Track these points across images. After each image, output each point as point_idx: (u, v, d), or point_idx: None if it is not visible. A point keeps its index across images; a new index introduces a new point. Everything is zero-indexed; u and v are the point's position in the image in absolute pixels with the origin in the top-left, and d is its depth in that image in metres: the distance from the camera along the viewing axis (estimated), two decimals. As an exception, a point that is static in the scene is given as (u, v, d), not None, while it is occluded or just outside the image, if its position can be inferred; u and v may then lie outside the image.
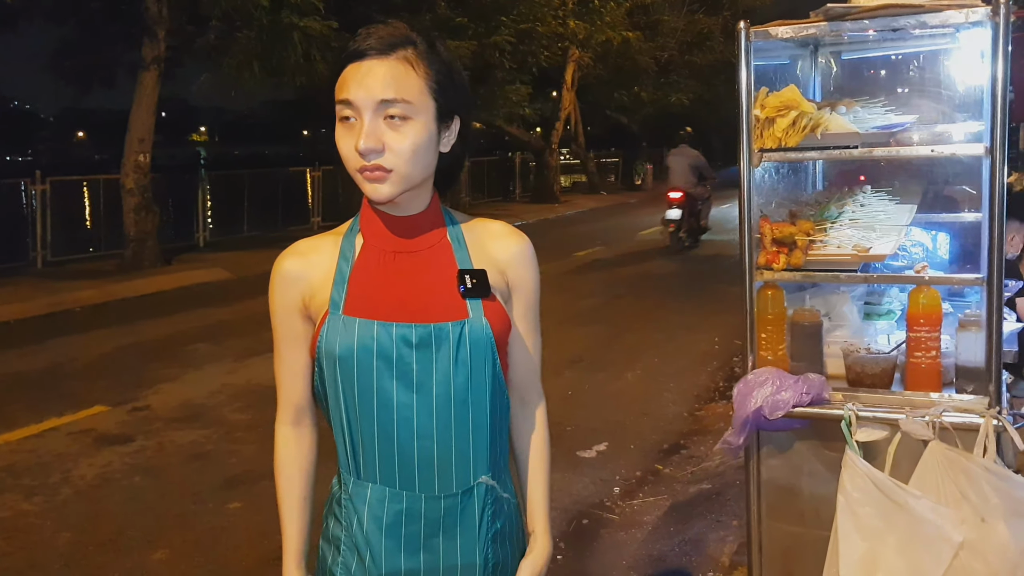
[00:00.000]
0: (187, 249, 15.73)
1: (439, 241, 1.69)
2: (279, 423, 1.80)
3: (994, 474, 2.49)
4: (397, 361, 1.61)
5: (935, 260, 3.44)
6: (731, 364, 7.63)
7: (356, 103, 1.55)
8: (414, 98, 1.56)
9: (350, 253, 1.68)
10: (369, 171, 1.55)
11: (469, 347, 1.62)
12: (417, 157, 1.57)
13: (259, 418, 6.31)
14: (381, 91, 1.54)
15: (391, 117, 1.55)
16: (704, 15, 31.51)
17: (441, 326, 1.61)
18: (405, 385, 1.61)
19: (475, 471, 1.67)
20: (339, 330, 1.62)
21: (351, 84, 1.56)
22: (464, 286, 1.63)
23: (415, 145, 1.56)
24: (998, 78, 2.57)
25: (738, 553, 4.06)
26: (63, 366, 8.08)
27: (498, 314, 1.66)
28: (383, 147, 1.55)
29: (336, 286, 1.65)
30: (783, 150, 2.87)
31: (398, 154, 1.55)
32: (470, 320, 1.62)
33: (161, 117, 15.43)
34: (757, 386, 2.80)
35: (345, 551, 1.70)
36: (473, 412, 1.65)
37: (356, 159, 1.56)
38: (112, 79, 17.12)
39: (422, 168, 1.60)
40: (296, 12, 14.03)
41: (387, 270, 1.66)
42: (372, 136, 1.54)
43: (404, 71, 1.56)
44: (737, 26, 2.88)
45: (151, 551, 4.40)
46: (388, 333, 1.60)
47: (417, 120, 1.56)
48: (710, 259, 14.31)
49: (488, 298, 1.65)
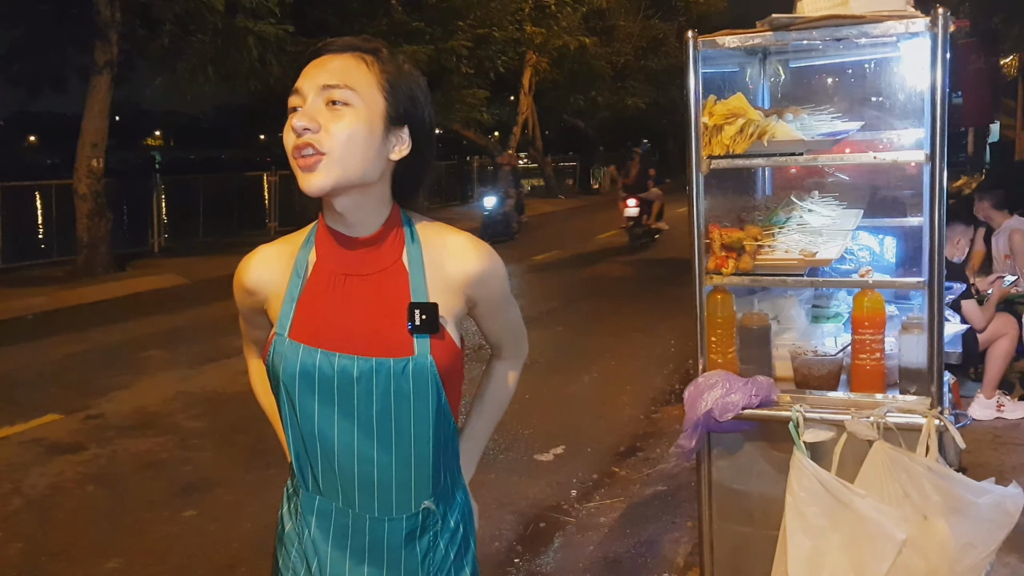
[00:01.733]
0: (141, 255, 15.53)
1: (393, 263, 1.65)
2: (249, 356, 1.91)
3: (935, 473, 2.56)
4: (338, 391, 1.60)
5: (882, 264, 3.52)
6: (686, 367, 7.70)
7: (302, 89, 1.57)
8: (359, 87, 1.56)
9: (302, 270, 1.67)
10: (302, 155, 1.53)
11: (412, 383, 1.60)
12: (353, 144, 1.54)
13: (213, 425, 6.27)
14: (325, 77, 1.55)
15: (333, 103, 1.55)
16: (659, 21, 31.81)
17: (383, 361, 1.59)
18: (346, 413, 1.61)
19: (416, 497, 1.67)
20: (283, 353, 1.62)
21: (304, 74, 1.58)
22: (412, 323, 1.60)
23: (351, 129, 1.54)
24: (938, 86, 2.64)
25: (692, 554, 4.11)
26: (14, 374, 7.95)
27: (446, 351, 1.63)
28: (319, 127, 1.53)
29: (285, 304, 1.65)
30: (731, 157, 2.92)
31: (333, 135, 1.53)
32: (415, 358, 1.59)
33: (114, 121, 15.24)
34: (707, 389, 2.85)
35: (296, 556, 1.72)
36: (415, 444, 1.64)
37: (292, 143, 1.55)
38: (63, 83, 16.84)
39: (359, 160, 1.55)
40: (251, 16, 13.95)
41: (335, 295, 1.64)
42: (308, 115, 1.54)
43: (355, 64, 1.58)
44: (685, 35, 2.93)
45: (104, 560, 4.36)
46: (330, 363, 1.60)
47: (358, 108, 1.55)
48: (665, 262, 14.43)
49: (437, 334, 1.62)
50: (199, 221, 17.88)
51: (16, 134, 75.90)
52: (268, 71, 14.75)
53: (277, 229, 18.08)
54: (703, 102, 2.94)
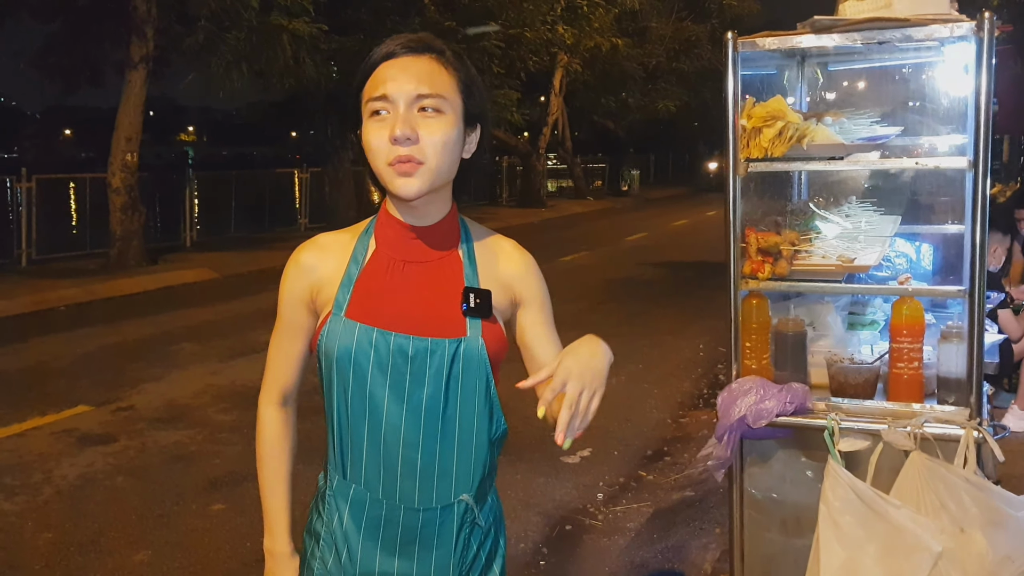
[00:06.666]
0: (173, 249, 15.66)
1: (450, 254, 1.71)
2: (264, 403, 1.83)
3: (973, 485, 2.52)
4: (391, 370, 1.62)
5: (919, 271, 3.47)
6: (715, 371, 7.66)
7: (392, 96, 1.57)
8: (447, 93, 1.60)
9: (361, 256, 1.70)
10: (401, 162, 1.56)
11: (463, 365, 1.63)
12: (447, 151, 1.59)
13: (243, 419, 6.29)
14: (417, 85, 1.57)
15: (424, 109, 1.57)
16: (692, 23, 31.66)
17: (438, 341, 1.63)
18: (396, 394, 1.63)
19: (456, 488, 1.68)
20: (339, 332, 1.64)
21: (387, 79, 1.58)
22: (467, 304, 1.65)
23: (447, 137, 1.59)
24: (982, 91, 2.59)
25: (720, 560, 4.07)
26: (46, 365, 8.03)
27: (496, 336, 1.67)
28: (417, 136, 1.56)
29: (343, 287, 1.67)
30: (769, 160, 2.89)
31: (431, 144, 1.57)
32: (467, 339, 1.63)
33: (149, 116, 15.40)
34: (741, 395, 2.82)
35: (324, 546, 1.73)
36: (460, 429, 1.66)
37: (388, 150, 1.56)
38: (99, 77, 17.03)
39: (449, 165, 1.61)
40: (285, 14, 14.02)
41: (394, 279, 1.67)
42: (407, 124, 1.56)
43: (437, 68, 1.61)
44: (724, 36, 2.90)
45: (133, 552, 4.38)
46: (386, 341, 1.62)
47: (448, 115, 1.59)
48: (694, 265, 14.36)
49: (489, 319, 1.66)
50: (231, 216, 18.03)
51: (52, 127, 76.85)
52: (302, 69, 14.82)
53: (307, 226, 18.15)
54: (741, 104, 2.91)
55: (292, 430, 1.84)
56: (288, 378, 1.80)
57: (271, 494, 1.81)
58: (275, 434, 1.82)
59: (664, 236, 19.84)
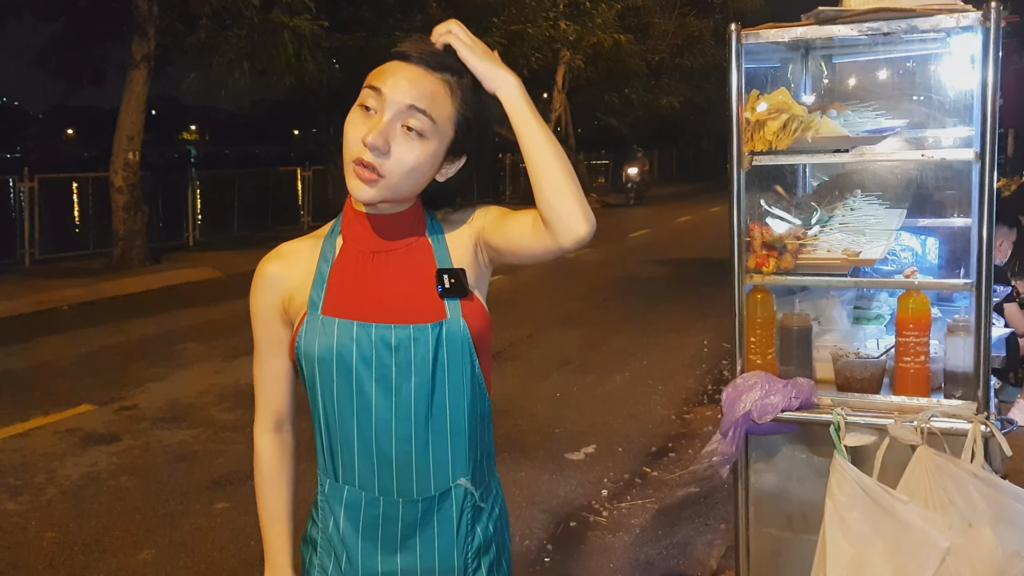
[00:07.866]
0: (176, 248, 15.67)
1: (418, 239, 1.67)
2: (259, 431, 1.79)
3: (981, 480, 2.49)
4: (376, 363, 1.60)
5: (924, 264, 3.44)
6: (719, 367, 7.63)
7: (386, 95, 1.53)
8: (438, 119, 1.55)
9: (330, 254, 1.67)
10: (363, 167, 1.52)
11: (447, 348, 1.60)
12: (413, 175, 1.56)
13: (246, 418, 6.28)
14: (414, 97, 1.53)
15: (409, 128, 1.53)
16: (695, 18, 31.61)
17: (420, 327, 1.59)
18: (384, 388, 1.60)
19: (453, 473, 1.65)
20: (318, 330, 1.61)
21: (390, 76, 1.54)
22: (442, 286, 1.62)
23: (418, 163, 1.55)
24: (988, 83, 2.57)
25: (725, 557, 4.06)
26: (50, 364, 8.03)
27: (477, 312, 1.64)
28: (388, 151, 1.52)
29: (315, 286, 1.64)
30: (773, 153, 2.86)
31: (398, 165, 1.53)
32: (448, 321, 1.60)
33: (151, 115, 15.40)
34: (746, 390, 2.80)
35: (322, 553, 1.71)
36: (451, 415, 1.63)
37: (358, 148, 1.52)
38: (102, 77, 17.01)
39: (412, 186, 1.58)
40: (286, 11, 14.00)
41: (366, 270, 1.64)
42: (383, 135, 1.51)
43: (443, 92, 1.56)
44: (728, 28, 2.87)
45: (136, 551, 4.37)
46: (367, 334, 1.59)
47: (430, 142, 1.55)
48: (698, 262, 14.33)
49: (467, 298, 1.63)
50: (233, 215, 18.00)
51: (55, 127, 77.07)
52: (303, 67, 14.80)
53: (311, 224, 18.13)
54: (745, 97, 2.88)
55: (290, 457, 1.80)
56: (279, 400, 1.77)
57: (270, 526, 1.78)
58: (272, 465, 1.79)
59: (668, 233, 19.80)
